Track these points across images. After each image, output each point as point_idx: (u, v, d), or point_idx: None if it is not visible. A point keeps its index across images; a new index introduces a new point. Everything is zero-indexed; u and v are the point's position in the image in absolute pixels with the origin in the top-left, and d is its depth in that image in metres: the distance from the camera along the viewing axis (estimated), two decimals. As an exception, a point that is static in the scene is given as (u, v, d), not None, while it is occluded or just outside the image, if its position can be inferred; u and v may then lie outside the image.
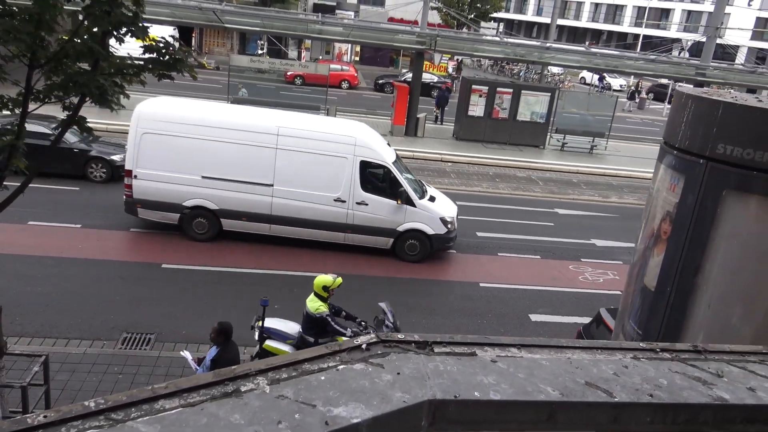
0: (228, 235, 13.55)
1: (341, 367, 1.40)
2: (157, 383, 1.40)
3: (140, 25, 5.20)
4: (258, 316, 8.50)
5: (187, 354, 7.69)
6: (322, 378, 1.35)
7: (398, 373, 1.38)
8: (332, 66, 34.45)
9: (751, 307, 5.51)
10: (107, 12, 4.89)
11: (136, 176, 13.12)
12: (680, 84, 42.24)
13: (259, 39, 43.87)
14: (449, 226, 13.65)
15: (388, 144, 14.66)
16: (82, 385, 8.32)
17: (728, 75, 29.56)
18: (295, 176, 13.08)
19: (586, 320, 11.94)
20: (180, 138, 12.89)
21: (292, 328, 8.89)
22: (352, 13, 46.99)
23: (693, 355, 1.59)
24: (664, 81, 45.91)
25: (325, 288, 8.40)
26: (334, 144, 13.15)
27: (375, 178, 13.65)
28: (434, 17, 43.05)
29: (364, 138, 13.56)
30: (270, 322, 8.70)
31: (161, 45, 5.54)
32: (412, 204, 13.47)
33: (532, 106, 26.40)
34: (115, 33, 5.22)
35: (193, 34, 43.85)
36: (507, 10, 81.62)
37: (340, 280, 8.54)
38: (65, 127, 5.66)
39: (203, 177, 13.08)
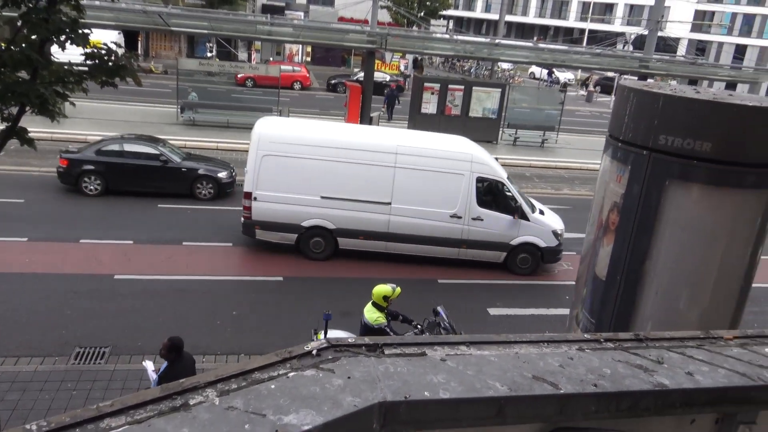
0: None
1: (291, 374, 1.39)
2: (111, 399, 1.37)
3: (80, 31, 5.06)
4: (314, 329, 8.66)
5: (148, 365, 7.51)
6: (272, 386, 1.35)
7: (349, 378, 1.39)
8: (283, 67, 34.16)
9: (697, 291, 5.71)
10: (44, 19, 4.73)
11: (255, 198, 13.09)
12: (625, 77, 43.40)
13: (208, 42, 43.21)
14: (560, 238, 13.89)
15: (496, 158, 14.98)
16: (34, 404, 8.06)
17: (670, 66, 30.51)
18: (412, 194, 13.23)
19: (544, 312, 12.20)
20: (300, 159, 12.92)
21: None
22: (302, 14, 46.71)
23: (635, 344, 1.65)
24: (610, 74, 47.10)
25: (386, 298, 8.41)
26: (452, 161, 13.34)
27: (490, 194, 13.83)
28: (384, 16, 43.18)
29: (480, 155, 13.87)
30: (330, 335, 8.55)
31: (103, 52, 5.40)
32: (526, 218, 13.67)
33: (484, 102, 26.74)
34: (54, 40, 5.07)
35: (139, 38, 42.90)
36: (456, 7, 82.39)
37: (399, 290, 8.53)
38: (5, 138, 5.45)
39: (322, 197, 13.13)
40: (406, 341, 1.54)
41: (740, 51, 60.41)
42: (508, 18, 74.71)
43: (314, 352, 1.47)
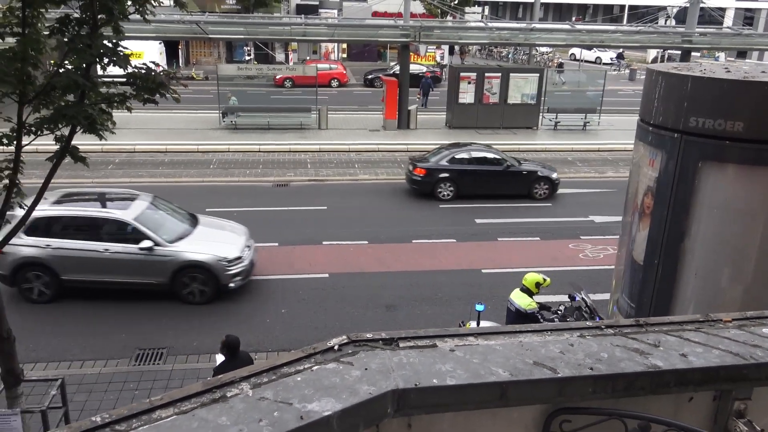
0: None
1: (315, 367, 1.57)
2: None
3: (121, 54, 5.38)
4: (462, 321, 9.29)
5: (219, 358, 7.85)
6: (299, 379, 1.53)
7: (366, 369, 1.56)
8: (320, 66, 34.52)
9: (739, 269, 5.67)
10: (88, 45, 5.06)
11: None
12: (669, 52, 42.04)
13: (246, 45, 43.98)
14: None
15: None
16: (100, 405, 8.54)
17: (715, 40, 29.57)
18: None
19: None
20: None
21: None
22: (336, 11, 47.03)
23: (635, 329, 1.76)
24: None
25: (538, 285, 8.94)
26: None
27: None
28: (418, 7, 43.08)
29: None
30: (482, 325, 9.13)
31: (143, 71, 5.71)
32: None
33: (522, 88, 26.50)
34: (98, 63, 5.41)
35: (180, 47, 43.99)
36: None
37: (549, 281, 9.06)
38: (59, 158, 5.83)
39: None
40: (419, 335, 1.70)
41: (791, 17, 57.83)
42: None
43: (336, 347, 1.65)
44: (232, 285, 11.51)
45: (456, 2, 46.69)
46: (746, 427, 1.66)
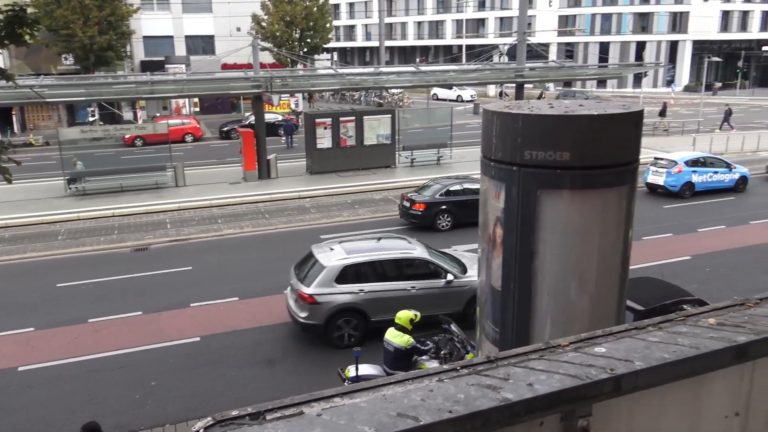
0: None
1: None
2: None
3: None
4: (341, 368, 9.45)
5: None
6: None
7: (233, 450, 1.54)
8: (172, 121, 33.53)
9: (584, 280, 6.22)
10: None
11: None
12: (506, 86, 45.53)
13: (89, 106, 41.75)
14: None
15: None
16: None
17: (543, 73, 32.47)
18: None
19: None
20: None
21: (378, 369, 9.40)
22: (183, 66, 46.07)
23: (486, 366, 1.90)
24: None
25: (411, 321, 9.25)
26: None
27: None
28: (268, 57, 43.37)
29: None
30: (361, 369, 9.02)
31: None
32: None
33: (376, 129, 27.42)
34: None
35: (14, 112, 40.87)
36: (338, 39, 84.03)
37: (420, 315, 9.46)
38: None
39: None
40: (285, 403, 1.71)
41: (604, 49, 65.06)
42: (389, 43, 77.02)
43: (201, 431, 1.62)
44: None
45: (305, 50, 47.60)
46: (590, 441, 1.84)
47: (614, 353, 1.98)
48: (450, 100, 53.92)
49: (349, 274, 11.84)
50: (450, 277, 12.26)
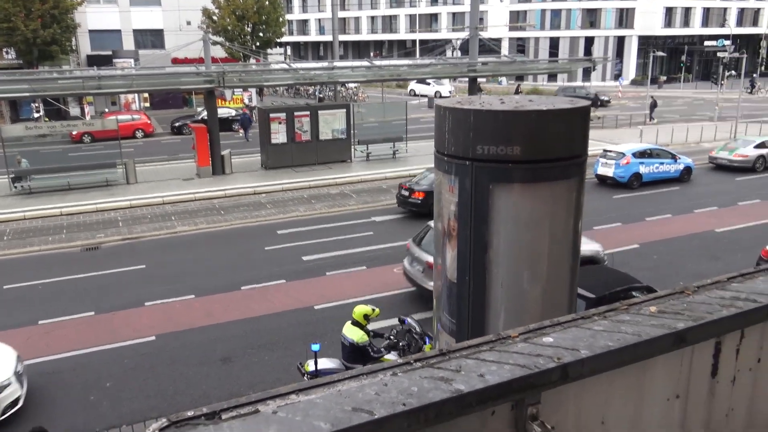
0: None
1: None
2: None
3: None
4: (300, 363, 9.29)
5: None
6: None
7: (189, 450, 1.55)
8: (121, 117, 32.70)
9: (535, 270, 6.38)
10: None
11: None
12: (459, 80, 45.83)
13: (34, 102, 40.33)
14: None
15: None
16: None
17: (495, 67, 32.89)
18: None
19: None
20: None
21: (336, 363, 9.34)
22: (132, 60, 44.92)
23: (439, 359, 1.95)
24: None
25: (366, 317, 9.18)
26: None
27: None
28: (220, 51, 42.65)
29: None
30: (320, 363, 8.92)
31: None
32: None
33: (331, 123, 27.32)
34: None
35: (-48, 108, 39.23)
36: (291, 33, 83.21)
37: (378, 311, 9.37)
38: None
39: None
40: (241, 402, 1.72)
41: (554, 44, 66.26)
42: (343, 38, 76.73)
43: (156, 433, 1.62)
44: None
45: (257, 45, 47.00)
46: (539, 428, 1.91)
47: (561, 342, 2.05)
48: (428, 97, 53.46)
49: None
50: None
